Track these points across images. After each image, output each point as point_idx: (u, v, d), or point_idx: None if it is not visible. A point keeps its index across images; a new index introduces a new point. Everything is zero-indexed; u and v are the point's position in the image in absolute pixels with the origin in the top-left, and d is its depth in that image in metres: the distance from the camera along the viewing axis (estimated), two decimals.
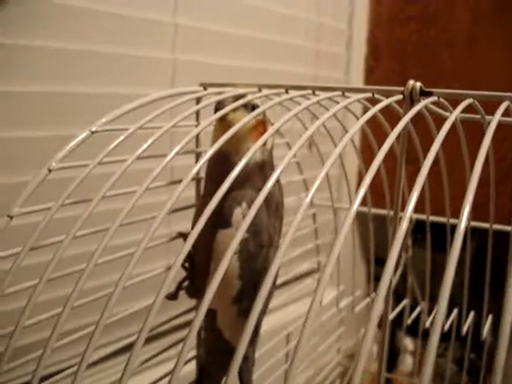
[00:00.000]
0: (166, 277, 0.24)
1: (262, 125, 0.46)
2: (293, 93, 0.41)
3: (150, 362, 0.48)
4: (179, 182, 0.30)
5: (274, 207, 0.47)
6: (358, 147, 0.61)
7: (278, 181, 0.49)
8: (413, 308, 0.76)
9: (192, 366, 0.54)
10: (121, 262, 0.33)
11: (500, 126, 0.39)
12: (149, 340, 0.68)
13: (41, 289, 0.28)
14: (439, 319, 0.18)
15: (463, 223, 0.21)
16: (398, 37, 1.24)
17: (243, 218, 0.43)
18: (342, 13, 1.21)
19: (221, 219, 0.44)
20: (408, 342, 1.28)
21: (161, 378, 0.50)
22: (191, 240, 0.26)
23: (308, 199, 0.25)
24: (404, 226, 0.21)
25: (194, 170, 0.29)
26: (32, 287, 0.28)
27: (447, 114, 0.37)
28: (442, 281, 0.21)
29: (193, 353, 0.55)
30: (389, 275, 0.20)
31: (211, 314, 0.47)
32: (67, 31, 0.65)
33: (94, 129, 0.36)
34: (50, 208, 0.31)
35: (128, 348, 0.24)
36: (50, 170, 0.34)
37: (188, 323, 0.59)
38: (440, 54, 1.19)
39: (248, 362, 0.50)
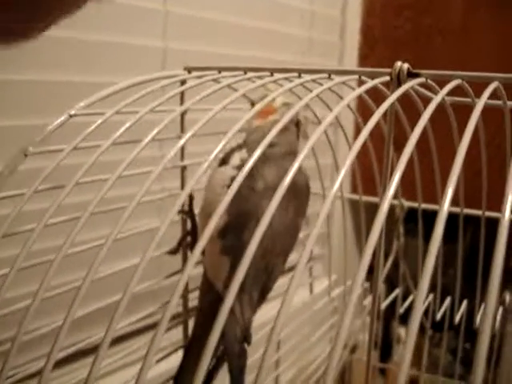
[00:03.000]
0: (139, 264, 0.23)
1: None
2: (277, 75, 0.40)
3: (120, 362, 0.47)
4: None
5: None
6: (351, 138, 0.60)
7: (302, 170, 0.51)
8: (406, 297, 0.75)
9: (174, 361, 0.53)
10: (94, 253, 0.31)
11: (496, 111, 0.38)
12: (120, 340, 0.68)
13: (11, 278, 0.26)
14: (419, 303, 0.17)
15: (446, 204, 0.20)
16: (392, 25, 1.23)
17: (239, 159, 0.47)
18: (336, 1, 1.20)
19: (220, 160, 0.48)
20: (402, 332, 1.27)
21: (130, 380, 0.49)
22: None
23: (290, 175, 0.24)
24: (384, 207, 0.20)
25: (171, 154, 0.28)
26: (3, 276, 0.27)
27: (435, 96, 0.35)
28: (432, 269, 0.20)
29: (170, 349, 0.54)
30: (367, 257, 0.19)
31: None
32: None
33: (72, 112, 0.35)
34: (24, 194, 0.30)
35: (96, 348, 0.23)
36: (26, 155, 0.33)
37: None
38: (434, 43, 1.18)
39: (233, 319, 0.48)
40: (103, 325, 0.24)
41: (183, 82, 0.45)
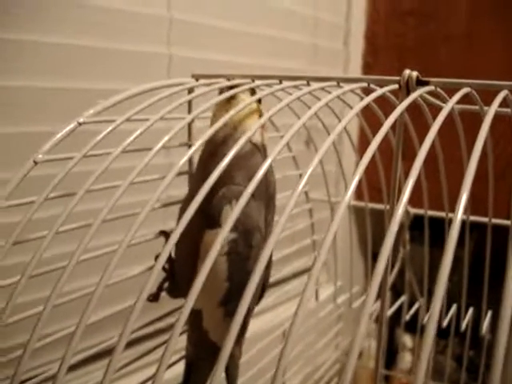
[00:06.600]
0: (148, 279, 0.23)
1: (258, 112, 0.45)
2: (286, 83, 0.40)
3: (132, 365, 0.47)
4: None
5: (267, 200, 0.45)
6: (356, 145, 0.60)
7: (271, 172, 0.47)
8: (411, 304, 0.75)
9: (179, 369, 0.53)
10: (105, 259, 0.32)
11: (499, 119, 0.38)
12: (132, 343, 0.68)
13: (23, 285, 0.27)
14: (435, 312, 0.17)
15: (460, 211, 0.20)
16: (396, 32, 1.23)
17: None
18: (340, 8, 1.20)
19: (208, 218, 0.42)
20: (407, 339, 1.27)
21: (144, 382, 0.49)
22: (172, 241, 0.25)
23: (301, 185, 0.24)
24: (398, 216, 0.21)
25: (182, 161, 0.29)
26: (14, 283, 0.27)
27: (444, 104, 0.36)
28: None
29: (177, 356, 0.54)
30: (382, 268, 0.19)
31: (197, 314, 0.45)
32: (62, 26, 0.64)
33: (81, 120, 0.35)
34: (34, 201, 0.30)
35: (109, 352, 0.23)
36: (35, 162, 0.33)
37: (172, 326, 0.58)
38: (438, 50, 1.18)
39: (234, 358, 0.48)
40: (117, 328, 0.24)
41: (191, 90, 0.45)
